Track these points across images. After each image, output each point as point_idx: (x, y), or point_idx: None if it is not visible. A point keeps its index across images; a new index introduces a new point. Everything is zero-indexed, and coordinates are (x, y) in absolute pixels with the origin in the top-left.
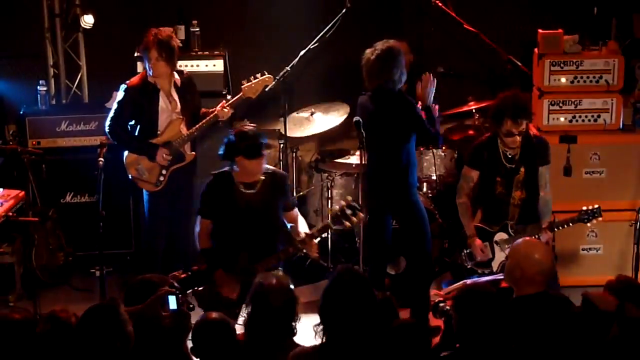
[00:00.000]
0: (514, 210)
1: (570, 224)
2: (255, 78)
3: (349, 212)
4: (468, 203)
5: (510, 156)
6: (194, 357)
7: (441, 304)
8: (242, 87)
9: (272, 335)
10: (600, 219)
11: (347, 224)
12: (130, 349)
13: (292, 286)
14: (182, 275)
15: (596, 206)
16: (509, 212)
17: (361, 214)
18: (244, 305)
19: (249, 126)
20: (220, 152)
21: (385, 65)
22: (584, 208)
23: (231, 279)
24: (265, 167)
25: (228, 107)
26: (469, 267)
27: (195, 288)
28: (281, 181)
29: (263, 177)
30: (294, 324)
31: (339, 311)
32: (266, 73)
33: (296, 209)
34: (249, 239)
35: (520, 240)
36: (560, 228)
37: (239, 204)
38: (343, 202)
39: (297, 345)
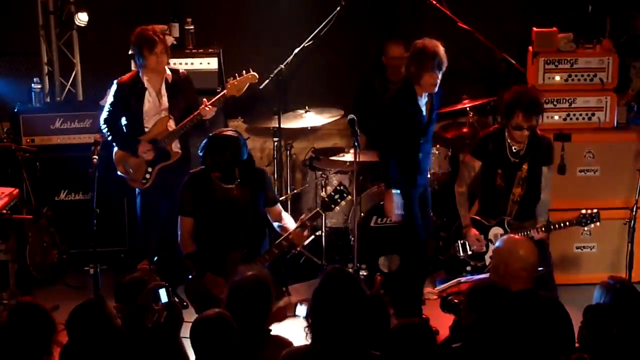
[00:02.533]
0: (513, 207)
1: (568, 225)
2: (240, 76)
3: (336, 196)
4: (467, 193)
5: (515, 150)
6: (186, 351)
7: (449, 298)
8: (227, 84)
9: (243, 324)
10: (598, 224)
11: (337, 208)
12: (122, 342)
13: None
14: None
15: (595, 211)
16: (507, 207)
17: (349, 197)
18: None
19: (227, 138)
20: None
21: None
22: (583, 212)
23: (221, 280)
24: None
25: (211, 106)
26: (461, 257)
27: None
28: (260, 174)
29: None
30: (267, 317)
31: (329, 312)
32: (251, 71)
33: (279, 205)
34: (233, 236)
35: (504, 237)
36: (557, 228)
37: (218, 197)
38: (330, 188)
39: (281, 340)
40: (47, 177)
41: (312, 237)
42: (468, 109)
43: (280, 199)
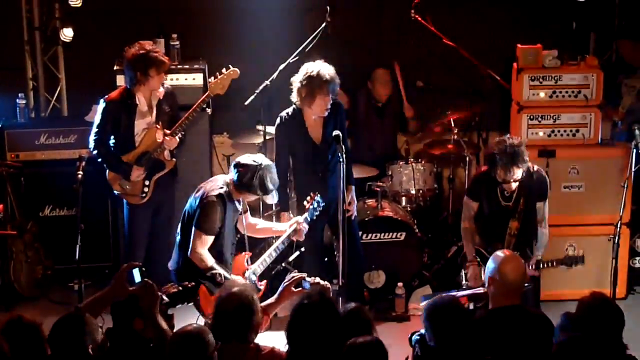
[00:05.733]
0: (510, 240)
1: (555, 265)
2: (220, 74)
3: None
4: (471, 228)
5: (507, 195)
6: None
7: None
8: (209, 84)
9: (225, 339)
10: (582, 266)
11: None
12: (105, 352)
13: (255, 297)
14: (173, 290)
15: (581, 253)
16: (504, 241)
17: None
18: None
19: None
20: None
21: None
22: (570, 253)
23: None
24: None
25: (171, 136)
26: (464, 287)
27: (185, 303)
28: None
29: None
30: (249, 332)
31: (304, 336)
32: (231, 67)
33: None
34: (231, 250)
35: (495, 254)
36: (546, 267)
37: (234, 220)
38: (309, 197)
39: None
40: (31, 193)
41: (297, 252)
42: (453, 125)
43: (266, 214)
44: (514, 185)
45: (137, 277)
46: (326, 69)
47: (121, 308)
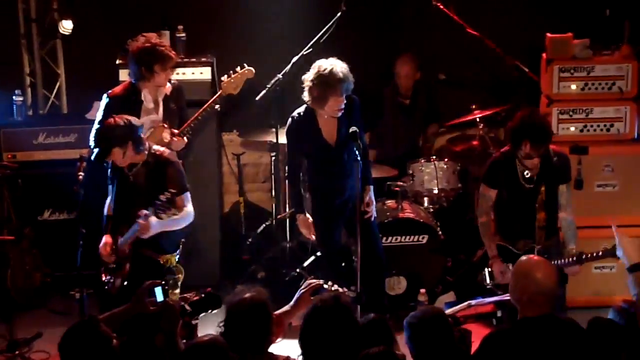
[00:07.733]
0: (540, 233)
1: (601, 256)
2: (234, 72)
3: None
4: (489, 223)
5: (528, 176)
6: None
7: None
8: (222, 82)
9: (242, 346)
10: None
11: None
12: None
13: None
14: (195, 298)
15: None
16: (531, 233)
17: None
18: None
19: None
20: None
21: None
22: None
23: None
24: (154, 148)
25: (179, 137)
26: (488, 287)
27: (210, 311)
28: (163, 168)
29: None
30: (262, 341)
31: (319, 341)
32: (246, 66)
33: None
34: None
35: (523, 257)
36: (589, 259)
37: (125, 183)
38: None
39: None
40: (29, 195)
41: (313, 257)
42: (478, 120)
43: (279, 217)
44: (537, 161)
45: (160, 295)
46: (339, 67)
47: (141, 322)
